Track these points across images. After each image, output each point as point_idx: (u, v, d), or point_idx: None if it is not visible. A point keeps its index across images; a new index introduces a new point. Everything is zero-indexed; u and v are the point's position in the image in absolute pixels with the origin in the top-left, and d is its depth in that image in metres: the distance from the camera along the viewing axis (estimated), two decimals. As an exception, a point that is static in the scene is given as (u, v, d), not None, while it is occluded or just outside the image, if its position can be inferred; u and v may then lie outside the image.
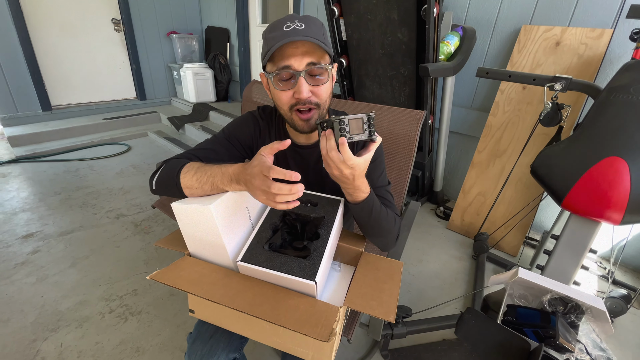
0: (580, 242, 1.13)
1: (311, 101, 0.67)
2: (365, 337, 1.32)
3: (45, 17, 3.11)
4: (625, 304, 1.38)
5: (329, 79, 0.69)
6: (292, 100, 0.67)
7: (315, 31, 0.65)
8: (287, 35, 0.62)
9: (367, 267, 0.71)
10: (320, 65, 0.65)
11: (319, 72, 0.66)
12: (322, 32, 0.67)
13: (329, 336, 0.51)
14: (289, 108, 0.69)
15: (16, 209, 2.06)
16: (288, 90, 0.67)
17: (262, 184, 0.54)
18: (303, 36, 0.62)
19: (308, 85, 0.66)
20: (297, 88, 0.65)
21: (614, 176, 0.97)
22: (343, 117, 0.56)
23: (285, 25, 0.63)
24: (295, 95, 0.66)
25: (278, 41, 0.62)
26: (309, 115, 0.69)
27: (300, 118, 0.69)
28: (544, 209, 2.00)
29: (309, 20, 0.65)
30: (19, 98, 3.08)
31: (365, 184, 0.64)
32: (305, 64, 0.64)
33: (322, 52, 0.66)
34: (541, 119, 1.33)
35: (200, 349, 0.71)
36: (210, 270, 0.64)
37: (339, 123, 0.56)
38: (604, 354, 0.79)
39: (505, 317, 0.90)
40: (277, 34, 0.63)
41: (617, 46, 1.60)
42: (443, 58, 1.81)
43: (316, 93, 0.67)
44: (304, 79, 0.65)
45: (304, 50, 0.64)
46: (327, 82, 0.69)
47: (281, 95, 0.68)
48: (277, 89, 0.67)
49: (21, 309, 1.37)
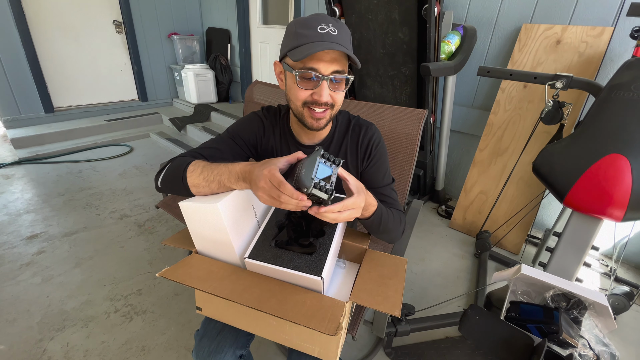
0: (582, 239, 1.13)
1: (327, 103, 0.68)
2: (369, 335, 1.33)
3: (47, 20, 3.13)
4: (628, 301, 1.38)
5: (347, 86, 0.71)
6: (309, 98, 0.68)
7: (346, 39, 0.66)
8: (323, 38, 0.63)
9: (371, 264, 0.72)
10: (344, 74, 0.67)
11: (340, 79, 0.68)
12: (350, 40, 0.68)
13: (336, 330, 0.51)
14: (302, 104, 0.69)
15: (20, 210, 2.07)
16: (308, 90, 0.68)
17: (267, 187, 0.54)
18: (337, 44, 0.63)
19: (329, 90, 0.67)
20: (318, 91, 0.67)
21: (615, 173, 0.98)
22: (310, 191, 0.52)
23: (319, 26, 0.63)
24: (315, 97, 0.67)
25: (312, 41, 0.63)
26: (322, 115, 0.70)
27: (312, 115, 0.70)
28: (546, 207, 2.01)
29: (341, 26, 0.66)
30: (21, 100, 3.10)
31: (371, 197, 0.66)
32: (332, 71, 0.65)
33: (346, 61, 0.68)
34: (542, 117, 1.34)
35: (208, 346, 0.72)
36: (218, 268, 0.65)
37: (319, 200, 0.54)
38: (607, 349, 0.80)
39: (509, 313, 0.91)
40: (311, 33, 0.63)
41: (617, 44, 1.61)
42: (444, 57, 1.81)
43: (334, 97, 0.69)
44: (327, 83, 0.66)
45: (333, 57, 0.64)
46: (344, 90, 0.71)
47: (299, 92, 0.68)
48: (298, 86, 0.68)
49: (27, 309, 1.38)
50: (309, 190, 0.52)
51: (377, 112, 1.20)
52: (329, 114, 0.71)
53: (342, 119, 0.83)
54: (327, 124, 0.73)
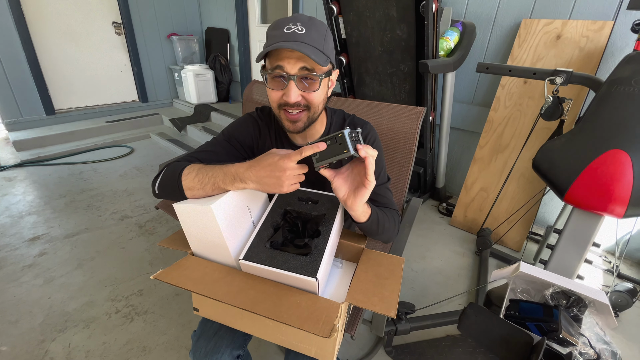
0: (583, 236, 1.12)
1: (300, 104, 0.67)
2: (369, 334, 1.33)
3: (47, 23, 3.14)
4: (631, 297, 1.37)
5: (321, 85, 0.68)
6: (281, 100, 0.68)
7: (315, 37, 0.64)
8: (287, 38, 0.62)
9: (368, 264, 0.71)
10: (313, 72, 0.65)
11: (311, 78, 0.66)
12: (322, 38, 0.66)
13: (330, 332, 0.51)
14: (277, 106, 0.69)
15: (22, 212, 2.08)
16: (278, 91, 0.67)
17: (280, 164, 0.58)
18: (300, 43, 0.62)
19: (298, 90, 0.66)
20: (286, 91, 0.66)
21: (616, 169, 0.97)
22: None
23: (286, 26, 0.63)
24: (284, 98, 0.66)
25: (277, 41, 0.62)
26: (297, 117, 0.69)
27: (287, 118, 0.69)
28: (547, 204, 1.99)
29: (312, 24, 0.64)
30: (23, 103, 3.12)
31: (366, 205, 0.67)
32: (298, 68, 0.64)
33: (318, 59, 0.65)
34: (542, 113, 1.32)
35: (205, 346, 0.72)
36: (212, 269, 0.65)
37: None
38: (608, 347, 0.79)
39: (508, 311, 0.90)
40: (277, 33, 0.63)
41: (618, 38, 1.59)
42: (443, 54, 1.80)
43: (306, 98, 0.67)
44: (294, 82, 0.65)
45: (299, 55, 0.63)
46: (319, 89, 0.68)
47: (271, 94, 0.68)
48: (268, 87, 0.68)
49: (29, 310, 1.39)
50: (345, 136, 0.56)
51: (375, 110, 1.19)
52: (305, 115, 0.69)
53: (336, 118, 0.82)
54: (307, 126, 0.72)
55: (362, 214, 0.66)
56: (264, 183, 0.61)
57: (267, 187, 0.61)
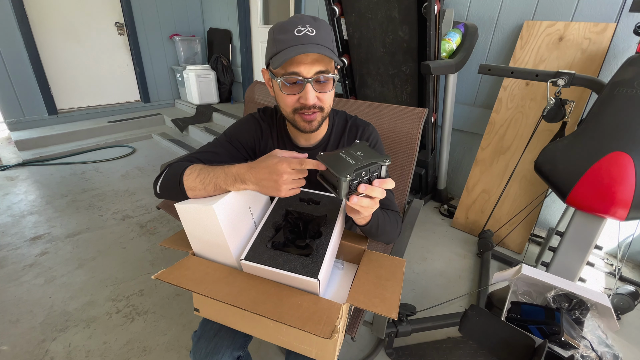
0: (585, 238, 1.12)
1: (316, 105, 0.68)
2: (369, 336, 1.32)
3: (50, 23, 3.15)
4: (633, 300, 1.36)
5: (334, 85, 0.70)
6: (297, 104, 0.68)
7: (326, 37, 0.65)
8: (299, 41, 0.62)
9: (369, 265, 0.71)
10: (328, 74, 0.66)
11: (325, 79, 0.67)
12: (331, 38, 0.67)
13: (332, 333, 0.51)
14: (292, 110, 0.70)
15: (24, 211, 2.09)
16: (294, 95, 0.67)
17: (281, 167, 0.58)
18: (315, 44, 0.62)
19: (315, 92, 0.66)
20: (303, 94, 0.66)
21: (618, 171, 0.96)
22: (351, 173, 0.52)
23: (296, 29, 0.62)
24: (301, 101, 0.67)
25: (289, 45, 0.62)
26: (313, 117, 0.70)
27: (304, 119, 0.70)
28: (549, 206, 1.99)
29: (320, 24, 0.65)
30: (25, 102, 3.13)
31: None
32: (314, 72, 0.64)
33: (330, 59, 0.66)
34: (544, 115, 1.32)
35: (205, 347, 0.72)
36: (214, 269, 0.65)
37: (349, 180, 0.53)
38: (609, 350, 0.78)
39: (509, 314, 0.90)
40: (288, 37, 0.62)
41: (620, 40, 1.58)
42: (445, 55, 1.80)
43: (321, 99, 0.68)
44: (311, 85, 0.65)
45: (314, 59, 0.64)
46: (332, 89, 0.70)
47: (286, 99, 0.68)
48: (283, 92, 0.67)
49: (30, 309, 1.39)
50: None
51: (377, 112, 1.19)
52: (319, 115, 0.70)
53: (338, 120, 0.82)
54: (320, 125, 0.73)
55: (363, 218, 0.66)
56: (263, 185, 0.61)
57: (265, 189, 0.61)
